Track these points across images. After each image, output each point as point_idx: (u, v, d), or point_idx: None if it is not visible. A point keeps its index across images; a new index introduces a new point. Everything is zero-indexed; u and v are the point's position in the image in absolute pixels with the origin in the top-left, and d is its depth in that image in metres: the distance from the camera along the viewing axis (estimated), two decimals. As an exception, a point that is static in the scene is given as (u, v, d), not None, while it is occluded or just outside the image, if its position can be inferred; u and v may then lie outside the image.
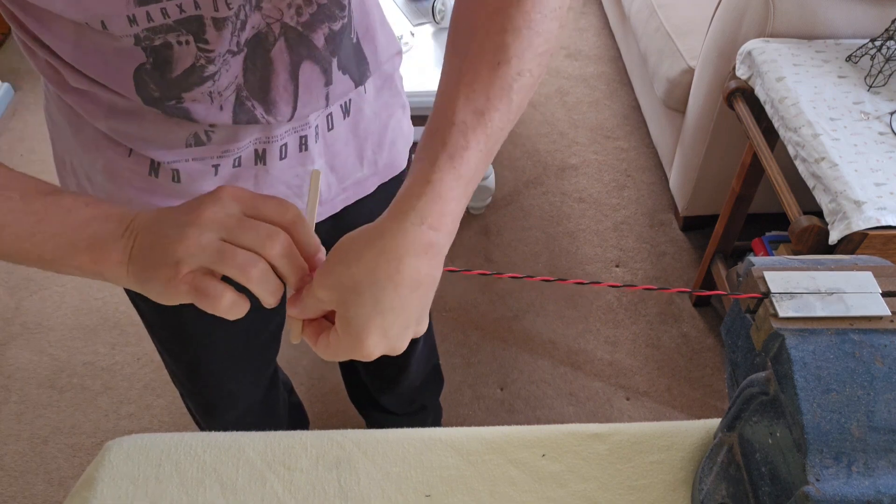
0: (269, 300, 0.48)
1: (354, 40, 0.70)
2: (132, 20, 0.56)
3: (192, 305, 0.48)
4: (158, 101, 0.62)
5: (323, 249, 0.51)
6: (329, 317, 0.50)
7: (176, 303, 0.48)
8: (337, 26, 0.67)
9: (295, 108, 0.68)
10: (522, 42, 0.50)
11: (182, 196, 0.72)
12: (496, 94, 0.49)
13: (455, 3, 0.55)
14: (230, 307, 0.47)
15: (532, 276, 0.54)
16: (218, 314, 0.47)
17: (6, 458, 1.53)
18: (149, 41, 0.58)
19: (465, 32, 0.52)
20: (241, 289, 0.48)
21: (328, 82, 0.69)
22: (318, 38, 0.66)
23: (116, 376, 1.67)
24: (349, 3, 0.67)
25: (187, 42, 0.59)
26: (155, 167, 0.69)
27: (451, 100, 0.49)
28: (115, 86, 0.61)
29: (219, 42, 0.60)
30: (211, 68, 0.62)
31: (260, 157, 0.72)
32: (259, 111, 0.66)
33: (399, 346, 0.48)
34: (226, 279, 0.48)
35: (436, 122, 0.49)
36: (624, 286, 0.54)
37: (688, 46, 1.80)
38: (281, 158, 0.73)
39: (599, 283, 0.49)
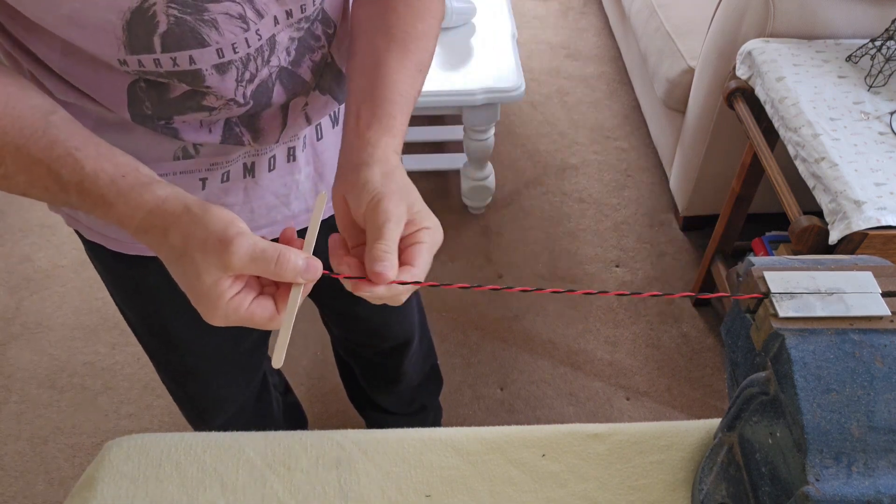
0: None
1: (332, 62, 0.71)
2: (122, 62, 0.56)
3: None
4: (148, 119, 0.62)
5: (318, 262, 0.52)
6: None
7: None
8: (317, 56, 0.68)
9: (280, 135, 0.69)
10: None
11: None
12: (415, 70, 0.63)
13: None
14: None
15: (542, 289, 0.56)
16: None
17: (6, 458, 1.53)
18: (141, 75, 0.58)
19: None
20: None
21: (307, 104, 0.70)
22: (305, 72, 0.67)
23: (117, 376, 1.67)
24: (323, 34, 0.68)
25: (181, 85, 0.59)
26: None
27: (392, 80, 0.60)
28: (104, 100, 0.61)
29: (221, 87, 0.60)
30: (211, 100, 0.62)
31: (249, 169, 0.72)
32: (246, 138, 0.67)
33: None
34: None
35: (375, 91, 0.60)
36: (639, 295, 0.54)
37: (688, 46, 1.80)
38: (269, 170, 0.73)
39: (618, 292, 0.50)
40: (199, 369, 0.96)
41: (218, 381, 1.00)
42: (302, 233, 0.55)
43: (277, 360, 0.50)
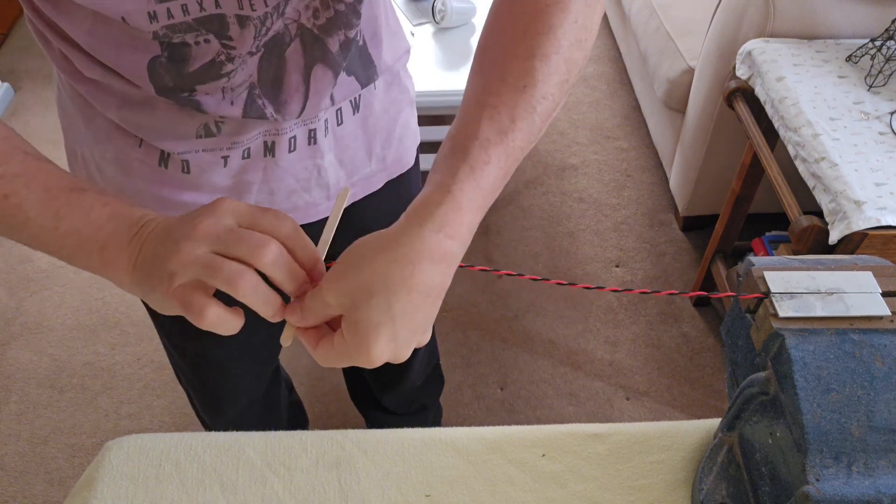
0: (264, 311, 0.48)
1: (361, 43, 0.71)
2: (152, 16, 0.56)
3: None
4: (171, 91, 0.63)
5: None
6: (331, 324, 0.50)
7: (173, 314, 0.49)
8: (352, 34, 0.68)
9: (304, 108, 0.69)
10: (549, 68, 0.51)
11: (191, 187, 0.72)
12: (520, 116, 0.50)
13: (486, 22, 0.55)
14: (216, 322, 0.47)
15: (575, 281, 0.55)
16: (204, 328, 0.47)
17: (6, 458, 1.53)
18: (167, 38, 0.59)
19: (493, 53, 0.53)
20: (237, 302, 0.48)
21: (335, 84, 0.70)
22: (334, 44, 0.67)
23: (116, 376, 1.67)
24: (363, 11, 0.68)
25: (206, 41, 0.60)
26: (165, 158, 0.69)
27: (476, 118, 0.50)
28: (128, 74, 0.62)
29: (242, 41, 0.61)
30: (229, 66, 0.62)
31: (269, 148, 0.72)
32: (269, 109, 0.67)
33: (404, 354, 0.48)
34: (224, 296, 0.47)
35: (459, 136, 0.50)
36: (653, 292, 0.54)
37: (688, 46, 1.80)
38: (290, 151, 0.73)
39: (631, 290, 0.50)
40: (215, 354, 0.97)
41: (233, 368, 1.01)
42: (321, 224, 0.53)
43: (285, 338, 0.49)
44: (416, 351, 1.18)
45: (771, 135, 1.36)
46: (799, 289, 0.55)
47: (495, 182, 0.49)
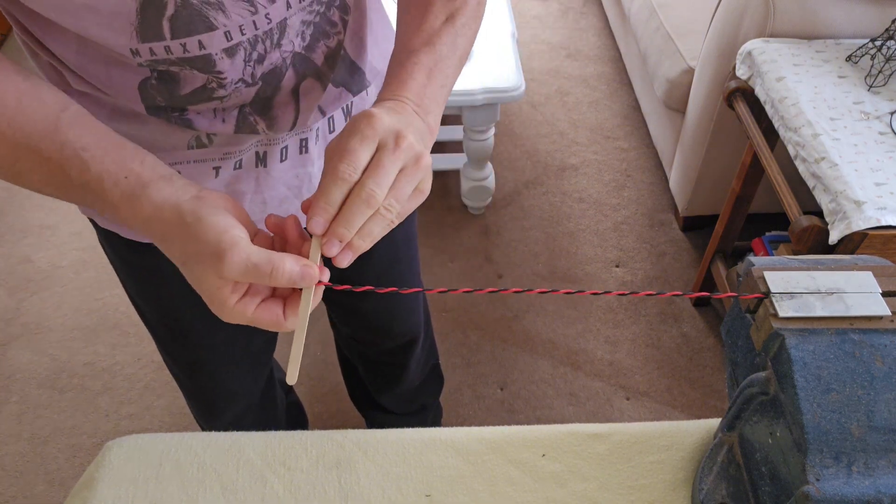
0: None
1: (343, 53, 0.71)
2: (135, 52, 0.57)
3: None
4: (162, 110, 0.63)
5: (314, 269, 0.52)
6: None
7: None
8: (333, 43, 0.68)
9: (295, 122, 0.70)
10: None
11: None
12: (444, 33, 0.62)
13: None
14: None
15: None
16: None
17: (6, 459, 1.53)
18: (153, 66, 0.59)
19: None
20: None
21: (323, 96, 0.71)
22: (318, 57, 0.68)
23: (117, 377, 1.67)
24: (340, 21, 0.68)
25: (192, 73, 0.60)
26: None
27: (406, 39, 0.62)
28: (118, 93, 0.62)
29: (231, 70, 0.61)
30: (221, 91, 0.63)
31: (261, 159, 0.72)
32: (261, 125, 0.67)
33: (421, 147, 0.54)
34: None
35: (394, 56, 0.62)
36: (657, 294, 0.54)
37: (688, 46, 1.80)
38: (281, 160, 0.73)
39: (637, 293, 0.50)
40: (209, 361, 0.97)
41: (228, 374, 1.00)
42: None
43: (291, 376, 0.50)
44: (412, 349, 1.18)
45: (771, 135, 1.36)
46: (799, 289, 0.55)
47: (427, 75, 0.59)
